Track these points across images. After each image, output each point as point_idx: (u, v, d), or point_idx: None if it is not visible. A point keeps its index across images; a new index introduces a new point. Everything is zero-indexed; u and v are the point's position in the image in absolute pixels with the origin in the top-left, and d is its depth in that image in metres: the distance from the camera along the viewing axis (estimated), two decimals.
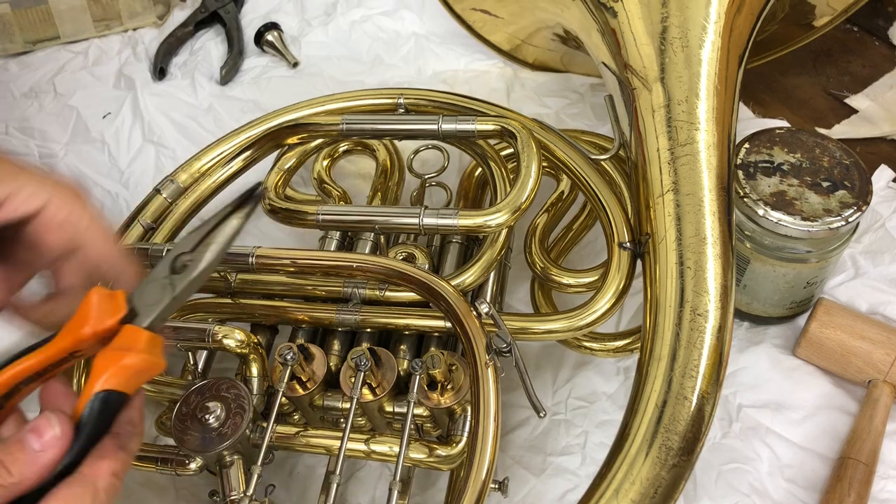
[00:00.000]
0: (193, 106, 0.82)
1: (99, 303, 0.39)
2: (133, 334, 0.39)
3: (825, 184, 0.56)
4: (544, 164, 0.60)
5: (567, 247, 0.63)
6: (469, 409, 0.51)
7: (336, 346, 0.56)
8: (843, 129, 0.76)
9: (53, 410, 0.36)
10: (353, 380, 0.51)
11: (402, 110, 0.64)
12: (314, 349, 0.54)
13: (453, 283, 0.54)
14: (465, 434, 0.51)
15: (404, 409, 0.50)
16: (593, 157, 0.59)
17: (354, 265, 0.54)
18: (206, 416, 0.49)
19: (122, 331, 0.39)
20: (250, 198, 0.42)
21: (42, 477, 0.35)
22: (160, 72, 0.85)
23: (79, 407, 0.37)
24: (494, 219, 0.54)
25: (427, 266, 0.58)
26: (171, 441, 0.56)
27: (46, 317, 0.45)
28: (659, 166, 0.53)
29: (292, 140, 0.64)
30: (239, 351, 0.53)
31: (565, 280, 0.58)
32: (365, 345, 0.55)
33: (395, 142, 0.70)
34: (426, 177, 0.66)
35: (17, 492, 0.35)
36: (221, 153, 0.65)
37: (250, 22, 0.89)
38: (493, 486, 0.49)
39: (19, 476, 0.35)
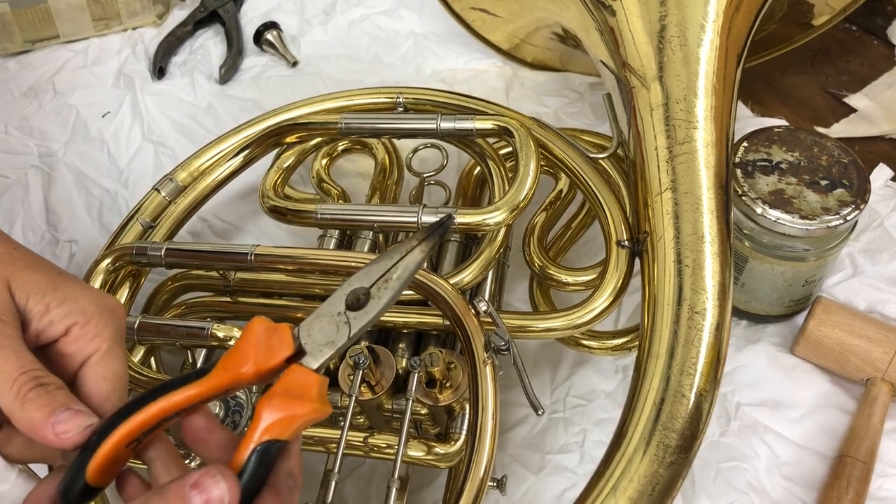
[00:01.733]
0: (193, 105, 0.82)
1: (262, 336, 0.35)
2: (302, 378, 0.34)
3: (823, 182, 0.56)
4: (543, 162, 0.60)
5: (565, 245, 0.63)
6: (467, 407, 0.51)
7: None
8: (841, 128, 0.76)
9: (215, 464, 0.33)
10: (351, 378, 0.51)
11: (400, 109, 0.64)
12: None
13: (452, 281, 0.54)
14: (464, 432, 0.51)
15: (403, 407, 0.51)
16: (592, 155, 0.59)
17: (353, 263, 0.54)
18: None
19: (289, 371, 0.35)
20: (438, 230, 0.37)
21: None
22: (159, 71, 0.85)
23: (239, 457, 0.33)
24: (493, 217, 0.54)
25: (425, 264, 0.58)
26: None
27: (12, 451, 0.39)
28: (657, 165, 0.53)
29: (291, 139, 0.64)
30: None
31: (564, 278, 0.58)
32: (363, 343, 0.55)
33: (394, 140, 0.70)
34: (425, 175, 0.66)
35: None
36: (220, 152, 0.65)
37: (249, 21, 0.89)
38: (491, 484, 0.49)
39: None
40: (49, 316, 0.39)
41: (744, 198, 0.56)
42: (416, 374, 0.50)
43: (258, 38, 0.86)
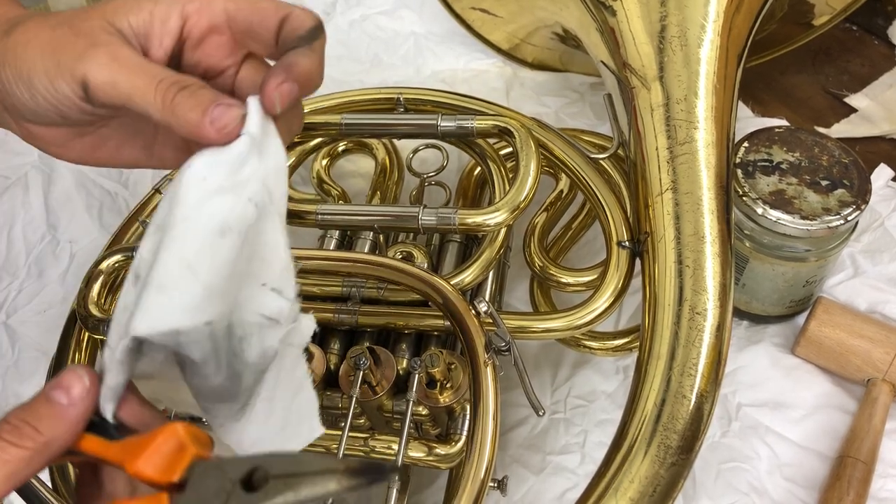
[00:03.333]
0: None
1: (172, 446, 0.32)
2: None
3: (824, 182, 0.56)
4: (543, 162, 0.59)
5: (566, 245, 0.63)
6: (468, 407, 0.51)
7: (335, 344, 0.56)
8: (842, 128, 0.76)
9: (75, 367, 0.34)
10: (352, 378, 0.51)
11: (401, 109, 0.64)
12: (313, 348, 0.54)
13: (452, 281, 0.54)
14: (464, 433, 0.51)
15: (403, 408, 0.50)
16: (592, 155, 0.59)
17: (353, 264, 0.54)
18: None
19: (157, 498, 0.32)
20: (372, 473, 0.32)
21: (75, 433, 0.33)
22: None
23: None
24: (493, 217, 0.54)
25: (426, 265, 0.58)
26: None
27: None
28: (658, 165, 0.53)
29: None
30: None
31: (564, 279, 0.58)
32: (364, 343, 0.55)
33: (394, 141, 0.70)
34: (425, 176, 0.66)
35: (51, 453, 0.32)
36: None
37: None
38: (491, 484, 0.49)
39: (50, 434, 0.32)
40: (192, 20, 0.39)
41: (744, 198, 0.56)
42: (417, 375, 0.50)
43: None
